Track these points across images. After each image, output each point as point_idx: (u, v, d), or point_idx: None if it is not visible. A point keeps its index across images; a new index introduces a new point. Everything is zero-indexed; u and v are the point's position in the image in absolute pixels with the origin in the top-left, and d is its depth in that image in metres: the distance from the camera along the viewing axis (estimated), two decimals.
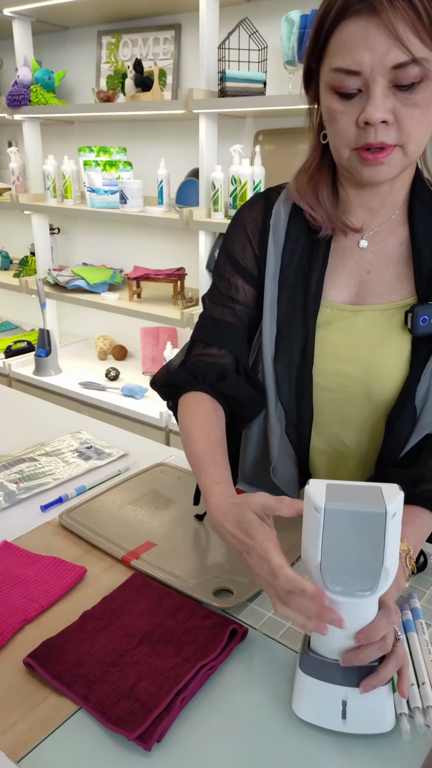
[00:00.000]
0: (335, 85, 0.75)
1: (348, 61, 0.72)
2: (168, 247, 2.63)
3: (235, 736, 0.63)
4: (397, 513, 0.57)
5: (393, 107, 0.73)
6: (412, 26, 0.68)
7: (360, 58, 0.71)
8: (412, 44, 0.69)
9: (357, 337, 0.88)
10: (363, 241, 0.89)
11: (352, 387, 0.89)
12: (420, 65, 0.70)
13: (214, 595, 0.80)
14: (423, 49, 0.70)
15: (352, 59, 0.71)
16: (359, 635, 0.61)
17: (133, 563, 0.86)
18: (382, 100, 0.72)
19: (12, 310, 3.37)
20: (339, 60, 0.73)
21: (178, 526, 0.96)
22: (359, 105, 0.74)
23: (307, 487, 0.59)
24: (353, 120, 0.75)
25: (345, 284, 0.90)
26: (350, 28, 0.71)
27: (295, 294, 0.91)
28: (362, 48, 0.71)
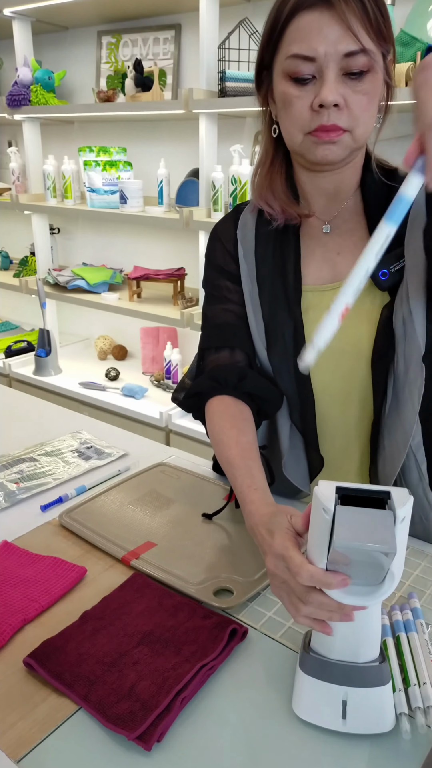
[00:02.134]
0: (291, 71, 0.81)
1: (304, 47, 0.78)
2: (168, 247, 2.63)
3: (235, 736, 0.63)
4: (406, 518, 0.57)
5: (343, 93, 0.79)
6: (362, 20, 0.77)
7: (315, 45, 0.78)
8: (361, 36, 0.77)
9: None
10: (326, 226, 0.95)
11: (341, 355, 0.93)
12: (368, 55, 0.78)
13: (214, 595, 0.80)
14: (370, 42, 0.78)
15: (308, 46, 0.78)
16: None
17: (133, 563, 0.86)
18: (335, 85, 0.79)
19: (12, 310, 3.37)
20: (295, 47, 0.79)
21: (178, 526, 0.96)
22: (313, 90, 0.80)
23: (316, 488, 0.59)
24: (308, 104, 0.81)
25: (319, 269, 0.96)
26: (306, 19, 0.78)
27: (274, 288, 0.95)
28: (317, 37, 0.78)
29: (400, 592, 0.82)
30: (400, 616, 0.75)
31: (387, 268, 0.88)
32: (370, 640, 0.62)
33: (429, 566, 0.88)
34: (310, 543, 0.61)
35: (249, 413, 0.94)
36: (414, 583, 0.84)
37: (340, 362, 0.94)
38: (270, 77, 0.87)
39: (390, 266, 0.88)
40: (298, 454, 0.99)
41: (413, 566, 0.88)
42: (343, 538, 0.55)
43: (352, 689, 0.62)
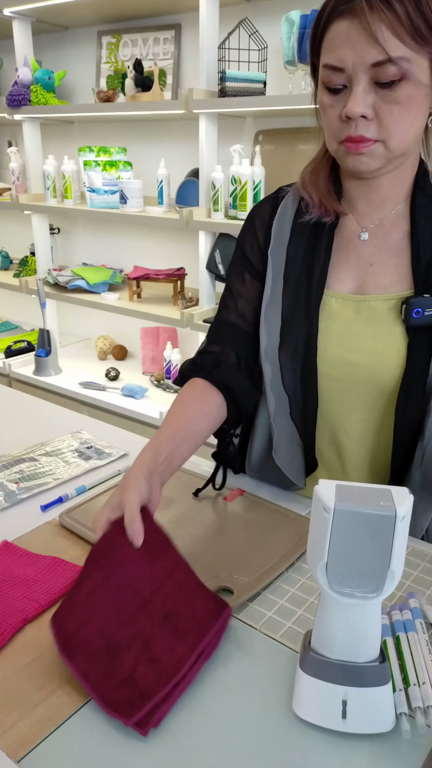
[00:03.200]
0: (325, 80, 0.81)
1: (333, 58, 0.78)
2: (168, 247, 2.63)
3: (235, 736, 0.63)
4: (406, 516, 0.57)
5: (374, 103, 0.78)
6: (391, 27, 0.73)
7: (343, 56, 0.77)
8: (389, 44, 0.74)
9: (360, 326, 0.91)
10: (364, 233, 0.93)
11: (355, 375, 0.92)
12: (397, 65, 0.75)
13: None
14: (402, 49, 0.74)
15: (336, 56, 0.77)
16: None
17: None
18: (363, 96, 0.77)
19: (12, 310, 3.37)
20: (327, 57, 0.79)
21: (178, 526, 0.96)
22: (344, 100, 0.80)
23: (317, 487, 0.59)
24: (338, 114, 0.81)
25: (349, 276, 0.93)
26: (336, 29, 0.77)
27: (298, 287, 0.94)
28: (345, 47, 0.76)
29: (400, 592, 0.82)
30: (400, 616, 0.75)
31: (422, 308, 0.86)
32: (370, 640, 0.62)
33: (429, 566, 0.88)
34: (310, 541, 0.62)
35: (215, 399, 0.95)
36: (414, 583, 0.84)
37: (351, 379, 0.93)
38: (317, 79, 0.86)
39: (426, 309, 0.86)
40: (295, 450, 1.00)
41: (413, 566, 0.88)
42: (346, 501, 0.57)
43: (352, 689, 0.62)
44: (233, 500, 1.03)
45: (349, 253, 0.94)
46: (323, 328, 0.93)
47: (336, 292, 0.93)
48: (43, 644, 0.73)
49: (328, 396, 0.96)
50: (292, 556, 0.88)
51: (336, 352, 0.93)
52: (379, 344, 0.90)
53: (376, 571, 0.59)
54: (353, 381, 0.93)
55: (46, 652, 0.72)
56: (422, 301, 0.86)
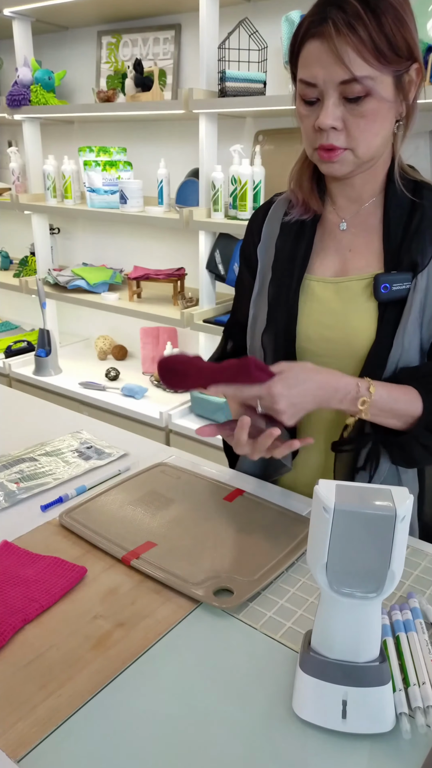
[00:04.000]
0: (301, 93, 0.89)
1: (307, 74, 0.86)
2: (168, 247, 2.63)
3: (235, 736, 0.63)
4: (406, 516, 0.57)
5: (342, 115, 0.87)
6: (356, 49, 0.82)
7: (315, 73, 0.85)
8: (354, 65, 0.82)
9: (338, 305, 1.00)
10: (343, 224, 1.02)
11: (334, 349, 1.00)
12: (362, 83, 0.83)
13: (215, 595, 0.80)
14: (367, 69, 0.82)
15: (309, 73, 0.86)
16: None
17: (134, 563, 0.86)
18: (333, 109, 0.86)
19: (12, 310, 3.37)
20: (302, 73, 0.88)
21: (178, 526, 0.96)
22: (317, 111, 0.88)
23: (317, 487, 0.59)
24: (312, 123, 0.89)
25: (331, 262, 1.03)
26: (309, 48, 0.85)
27: (283, 275, 1.04)
28: (317, 65, 0.85)
29: (400, 592, 0.82)
30: (400, 616, 0.75)
31: (389, 284, 0.94)
32: (370, 640, 0.62)
33: (429, 566, 0.88)
34: (310, 541, 0.62)
35: None
36: (414, 583, 0.84)
37: (330, 353, 1.00)
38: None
39: (393, 284, 0.94)
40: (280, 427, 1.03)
41: (413, 566, 0.88)
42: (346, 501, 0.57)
43: (352, 689, 0.62)
44: (233, 500, 1.03)
45: (330, 242, 1.03)
46: (306, 309, 1.02)
47: (319, 277, 1.02)
48: (43, 644, 0.73)
49: None
50: (292, 556, 0.88)
51: (317, 330, 1.01)
52: (353, 319, 0.98)
53: (376, 571, 0.59)
54: (335, 356, 1.00)
55: (46, 652, 0.72)
56: (389, 277, 0.94)
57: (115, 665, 0.70)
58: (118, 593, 0.82)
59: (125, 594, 0.81)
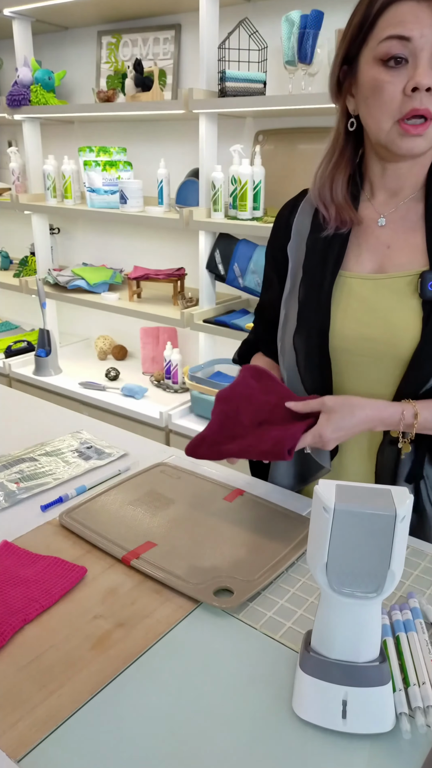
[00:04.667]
0: (384, 53, 0.83)
1: (400, 29, 0.81)
2: (168, 247, 2.63)
3: (235, 736, 0.63)
4: (406, 516, 0.57)
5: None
6: None
7: (411, 27, 0.81)
8: None
9: (378, 303, 0.96)
10: (381, 219, 0.98)
11: (374, 349, 0.96)
12: None
13: (215, 595, 0.80)
14: None
15: (403, 27, 0.81)
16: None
17: (133, 563, 0.86)
18: (430, 69, 0.81)
19: (12, 310, 3.37)
20: (391, 30, 0.82)
21: (178, 526, 0.96)
22: (405, 75, 0.82)
23: (317, 487, 0.59)
24: (399, 89, 0.83)
25: (368, 259, 0.98)
26: (401, 8, 0.81)
27: (314, 272, 1.00)
28: (413, 21, 0.81)
29: (400, 592, 0.82)
30: (400, 616, 0.75)
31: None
32: (370, 640, 0.62)
33: (429, 566, 0.88)
34: (310, 541, 0.62)
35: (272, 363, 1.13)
36: (414, 583, 0.84)
37: (369, 352, 0.96)
38: (353, 70, 0.89)
39: None
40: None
41: (413, 566, 0.88)
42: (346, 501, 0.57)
43: (352, 689, 0.62)
44: (233, 500, 1.03)
45: (367, 238, 0.99)
46: (342, 307, 0.98)
47: (355, 273, 0.98)
48: (43, 644, 0.73)
49: (348, 372, 1.00)
50: (292, 556, 0.88)
51: (354, 327, 0.97)
52: (395, 318, 0.94)
53: (376, 571, 0.59)
54: (372, 355, 0.96)
55: (46, 652, 0.72)
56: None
57: (115, 665, 0.70)
58: (118, 593, 0.82)
59: (125, 594, 0.81)
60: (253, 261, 2.09)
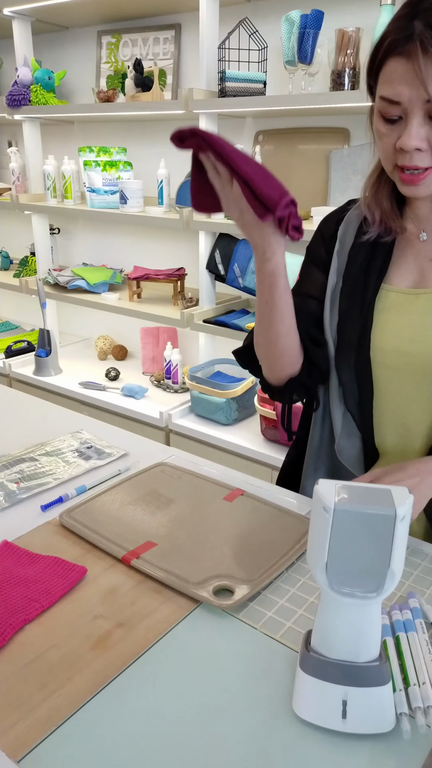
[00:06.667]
0: (381, 110, 0.84)
1: (390, 92, 0.82)
2: (168, 247, 2.63)
3: (235, 736, 0.63)
4: (406, 516, 0.57)
5: (427, 135, 0.82)
6: None
7: (400, 91, 0.81)
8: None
9: (418, 318, 0.95)
10: (423, 234, 0.97)
11: (414, 364, 0.95)
12: None
13: (215, 595, 0.80)
14: None
15: (393, 91, 0.81)
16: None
17: (134, 563, 0.86)
18: (417, 129, 0.82)
19: (12, 310, 3.37)
20: (384, 90, 0.82)
21: (178, 525, 0.96)
22: (398, 130, 0.84)
23: (317, 487, 0.59)
24: (393, 142, 0.85)
25: (409, 272, 0.98)
26: (394, 65, 0.81)
27: (356, 285, 0.99)
28: (402, 83, 0.80)
29: (400, 592, 0.82)
30: (400, 615, 0.75)
31: None
32: (370, 640, 0.62)
33: (429, 566, 0.88)
34: (310, 540, 0.62)
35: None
36: (414, 583, 0.84)
37: (406, 368, 0.96)
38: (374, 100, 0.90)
39: None
40: (354, 442, 1.03)
41: (413, 566, 0.88)
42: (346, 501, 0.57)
43: (352, 689, 0.62)
44: (233, 500, 1.03)
45: (409, 252, 0.98)
46: (381, 320, 0.97)
47: (396, 287, 0.97)
48: (43, 644, 0.73)
49: (387, 387, 0.99)
50: (293, 556, 0.88)
51: (393, 342, 0.96)
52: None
53: (376, 571, 0.59)
54: (411, 371, 0.95)
55: (46, 652, 0.72)
56: None
57: (115, 665, 0.70)
58: (118, 593, 0.82)
59: (125, 594, 0.81)
60: (253, 261, 2.09)
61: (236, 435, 2.13)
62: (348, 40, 1.75)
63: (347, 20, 1.91)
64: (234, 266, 2.14)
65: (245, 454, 2.07)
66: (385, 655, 0.64)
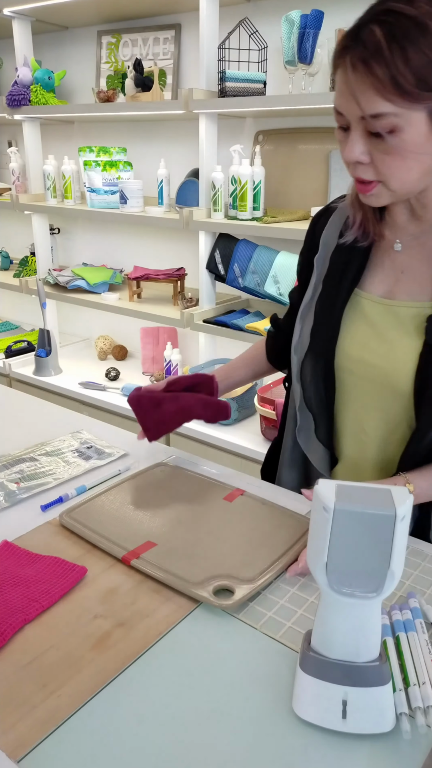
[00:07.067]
0: (335, 117, 0.84)
1: (335, 102, 0.82)
2: (168, 247, 2.63)
3: (235, 736, 0.63)
4: (406, 516, 0.57)
5: (369, 149, 0.81)
6: (374, 88, 0.75)
7: (339, 103, 0.81)
8: (372, 103, 0.76)
9: (383, 329, 0.95)
10: (397, 244, 0.95)
11: (372, 374, 0.95)
12: (385, 120, 0.76)
13: (215, 595, 0.80)
14: (389, 106, 0.75)
15: (336, 101, 0.81)
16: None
17: (134, 563, 0.86)
18: (356, 143, 0.80)
19: (12, 310, 3.37)
20: (335, 98, 0.82)
21: (178, 525, 0.96)
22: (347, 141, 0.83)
23: (317, 487, 0.59)
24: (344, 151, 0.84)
25: (381, 281, 0.97)
26: (338, 75, 0.80)
27: (332, 289, 0.99)
28: (340, 96, 0.80)
29: (400, 592, 0.82)
30: (400, 615, 0.75)
31: None
32: (370, 640, 0.62)
33: (429, 566, 0.88)
34: (310, 541, 0.62)
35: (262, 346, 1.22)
36: (414, 583, 0.84)
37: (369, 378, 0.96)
38: None
39: None
40: (316, 444, 1.06)
41: (413, 566, 0.88)
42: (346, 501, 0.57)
43: (352, 689, 0.62)
44: (233, 500, 1.03)
45: (385, 260, 0.97)
46: (352, 326, 0.97)
47: (369, 294, 0.97)
48: (43, 644, 0.73)
49: (349, 392, 1.00)
50: (293, 555, 0.88)
51: (358, 350, 0.96)
52: (396, 349, 0.92)
53: (376, 571, 0.59)
54: (370, 380, 0.96)
55: (46, 652, 0.72)
56: None
57: (115, 665, 0.70)
58: (118, 593, 0.82)
59: (125, 594, 0.81)
60: (253, 261, 2.09)
61: (236, 435, 2.13)
62: None
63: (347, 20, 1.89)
64: (234, 266, 2.14)
65: (245, 454, 2.07)
66: (385, 655, 0.64)
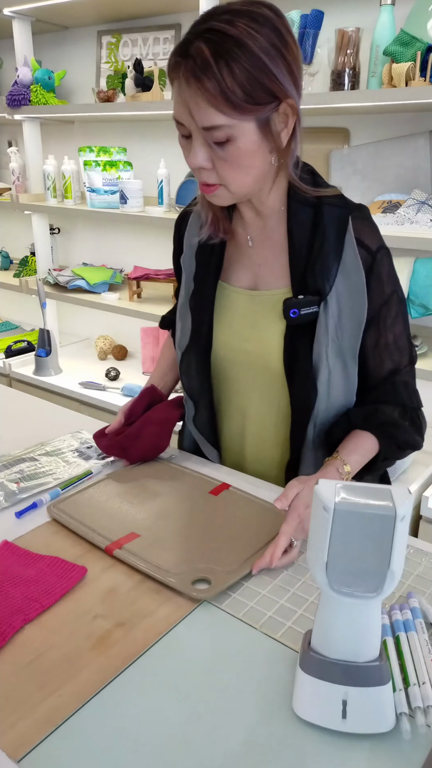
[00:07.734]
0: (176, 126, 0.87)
1: (174, 112, 0.85)
2: (168, 247, 2.61)
3: (235, 736, 0.63)
4: (407, 516, 0.57)
5: (210, 156, 0.86)
6: (207, 100, 0.79)
7: (179, 113, 0.84)
8: (206, 115, 0.80)
9: (253, 318, 1.04)
10: (249, 241, 1.04)
11: (248, 360, 1.05)
12: (219, 130, 0.81)
13: (193, 585, 0.81)
14: (222, 118, 0.81)
15: (175, 112, 0.85)
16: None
17: (116, 553, 0.87)
18: (198, 150, 0.85)
19: (12, 310, 3.37)
20: (173, 110, 0.86)
21: (162, 518, 0.97)
22: (190, 147, 0.87)
23: (317, 487, 0.59)
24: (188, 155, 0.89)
25: (244, 275, 1.05)
26: (174, 90, 0.84)
27: (200, 285, 1.07)
28: (178, 106, 0.84)
29: (400, 592, 0.82)
30: (400, 615, 0.75)
31: (298, 308, 0.96)
32: (370, 640, 0.62)
33: (429, 566, 0.88)
34: (310, 540, 0.62)
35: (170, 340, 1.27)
36: (414, 583, 0.84)
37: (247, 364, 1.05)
38: None
39: (302, 308, 0.96)
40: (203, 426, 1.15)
41: (413, 566, 0.88)
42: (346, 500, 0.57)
43: (352, 689, 0.62)
44: (218, 494, 1.04)
45: (241, 255, 1.05)
46: (225, 318, 1.06)
47: (236, 288, 1.05)
48: (43, 644, 0.73)
49: (231, 379, 1.09)
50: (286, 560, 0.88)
51: (233, 339, 1.05)
52: (265, 333, 1.02)
53: (376, 570, 0.59)
54: (248, 365, 1.05)
55: (46, 652, 0.72)
56: (297, 302, 0.96)
57: (115, 665, 0.70)
58: (118, 593, 0.82)
59: (125, 594, 0.81)
60: None
61: None
62: (348, 40, 1.75)
63: (347, 20, 1.91)
64: None
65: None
66: (385, 655, 0.64)
